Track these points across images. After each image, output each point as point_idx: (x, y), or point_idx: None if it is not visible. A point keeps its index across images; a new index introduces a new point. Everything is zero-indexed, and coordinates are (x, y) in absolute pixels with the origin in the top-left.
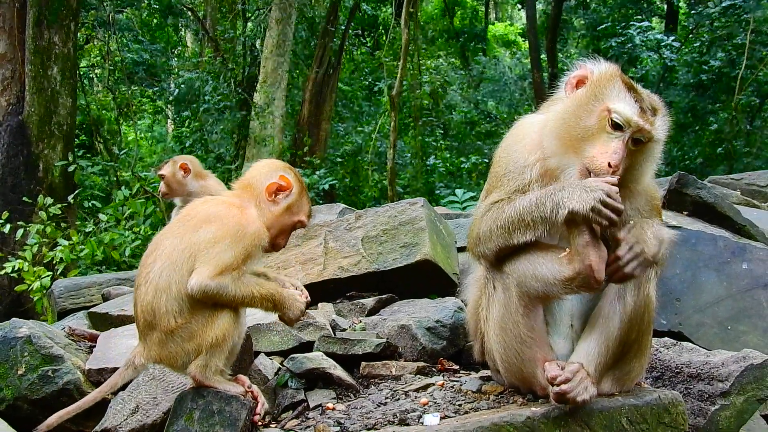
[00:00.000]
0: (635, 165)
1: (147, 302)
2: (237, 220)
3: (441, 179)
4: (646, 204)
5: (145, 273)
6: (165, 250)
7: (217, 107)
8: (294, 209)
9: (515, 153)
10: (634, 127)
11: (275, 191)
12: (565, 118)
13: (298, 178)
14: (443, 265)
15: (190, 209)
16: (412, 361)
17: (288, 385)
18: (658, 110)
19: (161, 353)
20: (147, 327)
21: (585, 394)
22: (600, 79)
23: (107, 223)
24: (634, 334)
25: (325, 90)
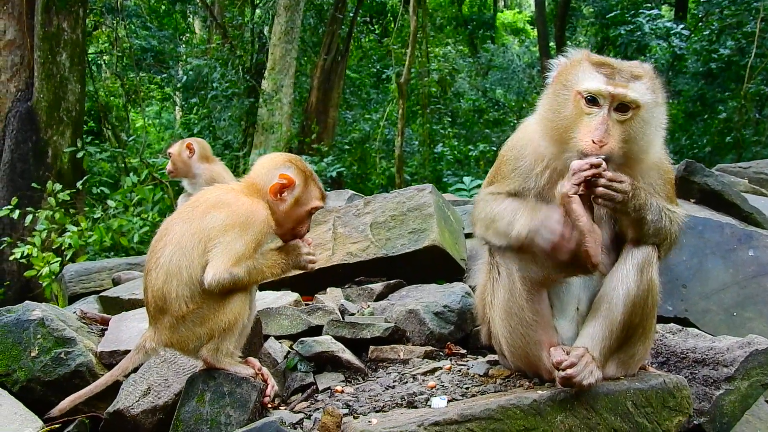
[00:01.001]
0: (634, 135)
1: (158, 287)
2: (246, 208)
3: (449, 167)
4: (659, 178)
5: (155, 258)
6: (175, 235)
7: (225, 94)
8: (303, 200)
9: (523, 159)
10: (606, 96)
11: (279, 191)
12: (547, 117)
13: (301, 168)
14: (451, 250)
15: (200, 195)
16: (420, 346)
17: (297, 368)
18: (640, 76)
19: (172, 338)
20: (158, 312)
21: (590, 378)
22: (566, 68)
23: (115, 209)
24: (637, 317)
25: (333, 77)
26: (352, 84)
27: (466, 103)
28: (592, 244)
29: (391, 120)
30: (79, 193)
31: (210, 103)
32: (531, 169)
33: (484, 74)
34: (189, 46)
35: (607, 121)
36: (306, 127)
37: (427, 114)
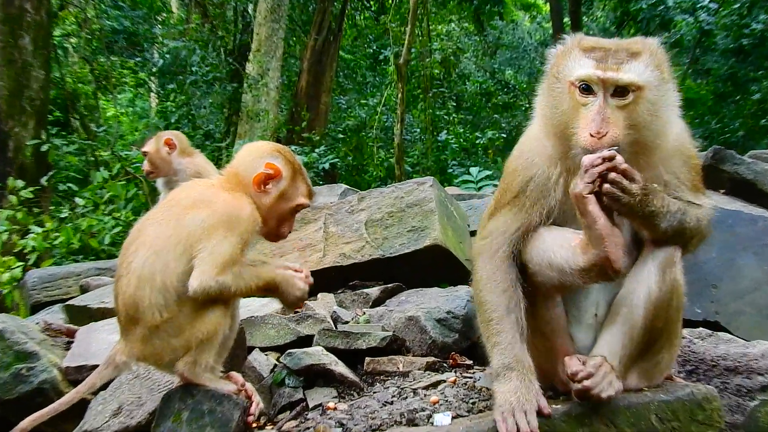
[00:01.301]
0: (642, 119)
1: (129, 295)
2: (228, 204)
3: (454, 156)
4: (683, 165)
5: (126, 263)
6: (148, 238)
7: (205, 79)
8: (288, 195)
9: (534, 167)
10: (597, 82)
11: (264, 181)
12: (546, 114)
13: (289, 159)
14: (454, 250)
15: (177, 193)
16: (421, 356)
17: (285, 383)
18: (638, 53)
19: (145, 350)
20: (129, 322)
21: (610, 390)
22: (558, 60)
23: (84, 207)
24: (660, 322)
25: (325, 59)
26: (346, 66)
27: (472, 85)
28: (613, 249)
29: (390, 105)
30: (43, 191)
31: (189, 89)
32: (547, 177)
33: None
34: (165, 26)
35: (604, 110)
36: (295, 114)
37: (429, 98)
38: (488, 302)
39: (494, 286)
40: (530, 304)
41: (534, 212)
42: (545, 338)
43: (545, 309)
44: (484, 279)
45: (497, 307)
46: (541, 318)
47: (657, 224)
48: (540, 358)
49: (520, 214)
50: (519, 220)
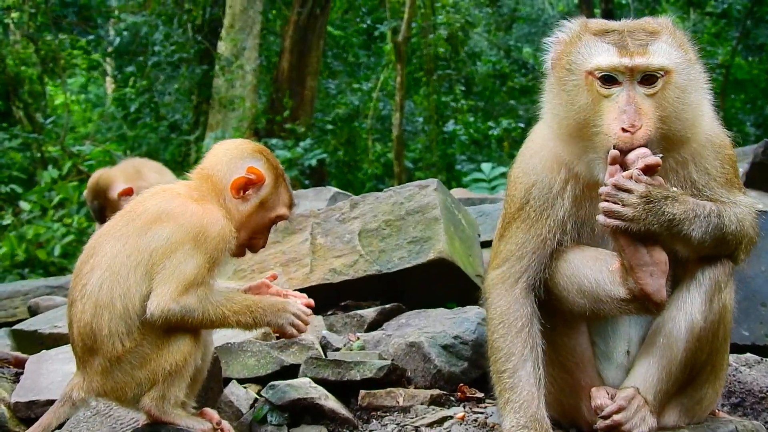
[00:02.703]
0: (673, 108)
1: (85, 322)
2: (196, 219)
3: (463, 150)
4: (715, 158)
5: (81, 285)
6: (105, 257)
7: (170, 60)
8: (269, 204)
9: (536, 174)
10: (625, 70)
11: (243, 187)
12: (557, 113)
13: (272, 163)
14: (463, 264)
15: (137, 204)
16: (425, 389)
17: (267, 421)
18: (657, 32)
19: (106, 384)
20: (87, 352)
21: (642, 426)
22: (566, 47)
23: (30, 213)
24: (704, 354)
25: (311, 36)
26: (336, 44)
27: (483, 66)
28: (649, 281)
29: (387, 90)
30: None
31: (151, 73)
32: (549, 184)
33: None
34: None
35: (634, 99)
36: (276, 101)
37: (433, 82)
38: (501, 349)
39: (508, 326)
40: (551, 332)
41: (543, 226)
42: (567, 372)
43: (568, 338)
44: (497, 318)
45: (511, 356)
46: (562, 348)
47: (688, 234)
48: (560, 394)
49: (531, 230)
50: (532, 239)
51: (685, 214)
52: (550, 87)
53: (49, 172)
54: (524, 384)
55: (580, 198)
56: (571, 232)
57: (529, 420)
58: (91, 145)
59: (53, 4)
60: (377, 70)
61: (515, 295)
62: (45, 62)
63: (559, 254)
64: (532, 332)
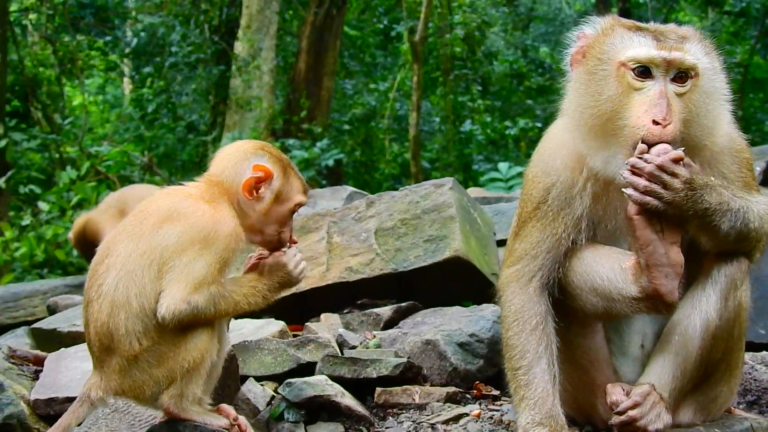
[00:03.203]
0: (697, 112)
1: (102, 322)
2: (207, 219)
3: (479, 150)
4: (733, 163)
5: (96, 285)
6: (120, 256)
7: (187, 61)
8: (284, 195)
9: (556, 172)
10: (660, 63)
11: (255, 186)
12: (584, 103)
13: (275, 155)
14: (478, 263)
15: (149, 204)
16: (440, 386)
17: (284, 418)
18: (686, 37)
19: (124, 383)
20: (104, 352)
21: (658, 423)
22: (598, 39)
23: (49, 213)
24: (719, 352)
25: (327, 37)
26: (352, 45)
27: (500, 65)
28: (664, 281)
29: (404, 91)
30: (1, 194)
31: (168, 73)
32: (570, 184)
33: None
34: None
35: (666, 94)
36: (293, 101)
37: (450, 82)
38: (515, 346)
39: (522, 324)
40: (565, 330)
41: (560, 225)
42: (582, 370)
43: (582, 337)
44: (511, 315)
45: (525, 353)
46: (577, 347)
47: (717, 226)
48: (576, 392)
49: (547, 229)
50: (548, 237)
51: (720, 205)
52: (576, 78)
53: (68, 172)
54: (539, 381)
55: (599, 195)
56: (587, 230)
57: (544, 417)
58: (109, 145)
59: (71, 5)
60: (394, 70)
61: (529, 293)
62: (63, 63)
63: (573, 252)
64: (547, 330)
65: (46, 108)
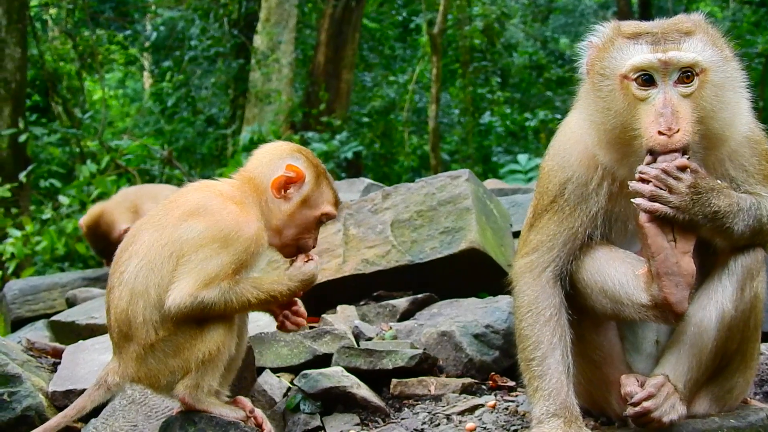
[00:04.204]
0: (710, 107)
1: (121, 309)
2: (231, 219)
3: (499, 142)
4: (753, 155)
5: (119, 273)
6: (143, 245)
7: (206, 55)
8: (312, 201)
9: (571, 168)
10: (658, 68)
11: (284, 186)
12: (596, 119)
13: (312, 160)
14: (494, 254)
15: (179, 196)
16: (456, 377)
17: (300, 409)
18: (691, 31)
19: (140, 371)
20: (122, 339)
21: (672, 414)
22: (600, 53)
23: (69, 207)
24: (735, 343)
25: (347, 29)
26: (371, 37)
27: (520, 57)
28: (674, 290)
29: (423, 83)
30: (22, 188)
31: (188, 67)
32: (585, 181)
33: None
34: None
35: (671, 100)
36: (312, 94)
37: (469, 74)
38: (529, 337)
39: (536, 315)
40: (578, 325)
41: (576, 219)
42: (596, 366)
43: (596, 333)
44: (525, 306)
45: (539, 344)
46: (591, 343)
47: (730, 227)
48: (589, 386)
49: (564, 222)
50: (563, 230)
51: (729, 207)
52: (586, 93)
53: (88, 166)
54: (553, 372)
55: (615, 194)
56: (602, 226)
57: (558, 408)
58: (129, 139)
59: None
60: (413, 63)
61: (543, 284)
62: (83, 58)
63: (586, 250)
64: (561, 321)
65: (66, 102)
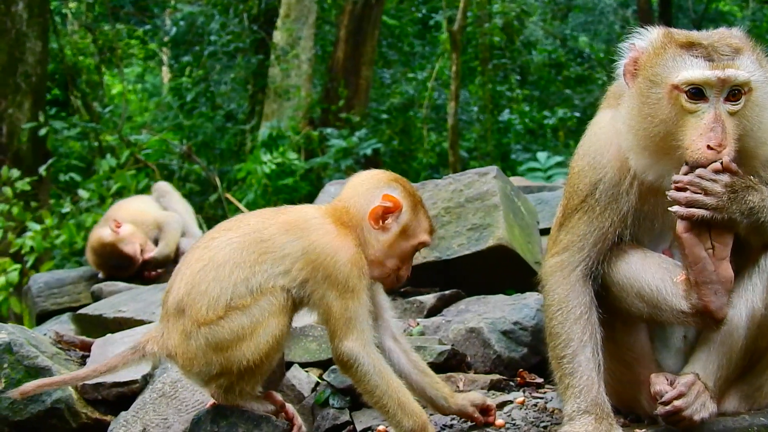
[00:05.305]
0: (750, 126)
1: (194, 271)
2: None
3: (518, 140)
4: None
5: (210, 237)
6: (246, 225)
7: (226, 50)
8: (410, 231)
9: (603, 169)
10: (715, 84)
11: (382, 216)
12: (636, 124)
13: (408, 190)
14: (522, 251)
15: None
16: (484, 373)
17: (329, 404)
18: (740, 49)
19: (179, 347)
20: (176, 309)
21: (703, 412)
22: (650, 58)
23: (89, 201)
24: (765, 341)
25: (366, 26)
26: (391, 34)
27: (539, 55)
28: (713, 298)
29: (442, 80)
30: (42, 181)
31: (207, 62)
32: (616, 182)
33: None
34: None
35: (720, 117)
36: (331, 91)
37: (488, 71)
38: (559, 335)
39: (566, 313)
40: (608, 326)
41: (606, 218)
42: (626, 366)
43: (626, 334)
44: (555, 304)
45: (570, 341)
46: (621, 344)
47: (765, 222)
48: (619, 386)
49: (594, 222)
50: (594, 230)
51: (762, 201)
52: (629, 98)
53: (107, 160)
54: (584, 369)
55: (646, 195)
56: (633, 226)
57: (590, 404)
58: (148, 134)
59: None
60: (432, 60)
61: (574, 283)
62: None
63: (619, 253)
64: (591, 320)
65: (85, 96)
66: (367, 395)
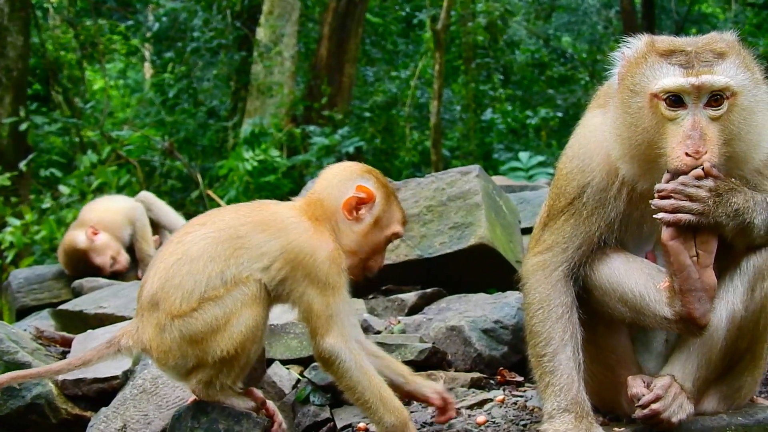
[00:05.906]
0: (737, 131)
1: (168, 264)
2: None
3: (500, 139)
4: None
5: (185, 232)
6: (220, 221)
7: (208, 46)
8: (383, 222)
9: (591, 172)
10: (690, 91)
11: (355, 207)
12: (622, 133)
13: (381, 180)
14: (503, 250)
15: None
16: (465, 372)
17: (310, 401)
18: (724, 53)
19: (154, 341)
20: (150, 303)
21: (681, 414)
22: (630, 68)
23: (70, 197)
24: (744, 342)
25: (349, 23)
26: (374, 32)
27: (522, 55)
28: (696, 305)
29: (425, 78)
30: (22, 177)
31: (189, 59)
32: (604, 187)
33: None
34: None
35: (699, 124)
36: (314, 88)
37: (472, 70)
38: (540, 333)
39: (548, 312)
40: (590, 328)
41: (593, 222)
42: (608, 368)
43: (608, 336)
44: (536, 303)
45: (550, 340)
46: (603, 346)
47: (750, 222)
48: (600, 387)
49: (580, 225)
50: (580, 233)
51: (746, 202)
52: (614, 106)
53: (88, 156)
54: (564, 368)
55: (636, 201)
56: (618, 231)
57: (570, 403)
58: (130, 130)
59: None
60: (415, 58)
61: (555, 282)
62: (84, 47)
63: (602, 257)
64: (572, 319)
65: (67, 92)
66: (348, 392)
